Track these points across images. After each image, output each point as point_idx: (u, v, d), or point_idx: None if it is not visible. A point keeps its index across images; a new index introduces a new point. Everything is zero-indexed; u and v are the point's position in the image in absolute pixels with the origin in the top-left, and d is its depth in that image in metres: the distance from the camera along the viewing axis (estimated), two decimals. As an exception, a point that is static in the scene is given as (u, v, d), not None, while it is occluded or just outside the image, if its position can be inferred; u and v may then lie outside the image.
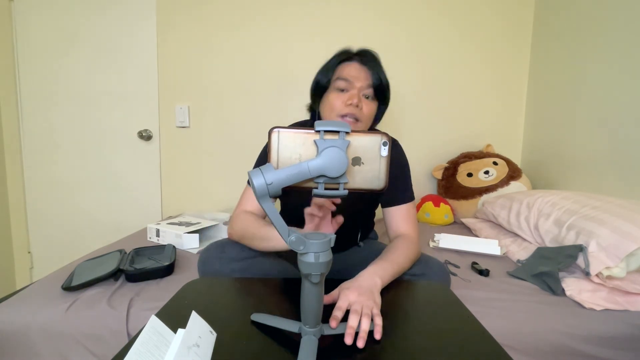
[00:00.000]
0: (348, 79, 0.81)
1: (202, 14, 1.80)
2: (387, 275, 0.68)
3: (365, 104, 0.81)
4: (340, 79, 0.82)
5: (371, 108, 0.83)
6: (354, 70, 0.82)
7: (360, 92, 0.81)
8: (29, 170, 1.88)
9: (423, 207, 1.75)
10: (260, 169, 0.39)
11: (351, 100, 0.79)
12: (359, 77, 0.81)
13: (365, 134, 0.43)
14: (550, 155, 1.71)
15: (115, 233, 1.87)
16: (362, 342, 0.49)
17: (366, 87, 0.81)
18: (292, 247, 0.42)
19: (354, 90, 0.80)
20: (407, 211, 0.89)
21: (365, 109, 0.81)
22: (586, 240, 0.97)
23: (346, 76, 0.81)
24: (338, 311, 0.54)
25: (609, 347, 0.78)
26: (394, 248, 0.78)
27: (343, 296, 0.58)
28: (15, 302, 0.84)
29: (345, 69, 0.82)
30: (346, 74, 0.81)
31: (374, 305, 0.56)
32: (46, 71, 1.82)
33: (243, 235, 0.80)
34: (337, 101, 0.81)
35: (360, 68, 0.82)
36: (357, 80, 0.81)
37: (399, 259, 0.74)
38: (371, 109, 0.84)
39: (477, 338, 0.52)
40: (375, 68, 0.82)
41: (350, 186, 0.43)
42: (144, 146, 1.88)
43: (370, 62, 0.83)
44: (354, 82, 0.80)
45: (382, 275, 0.66)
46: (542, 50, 1.78)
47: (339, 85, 0.82)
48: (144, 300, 0.85)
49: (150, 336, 0.42)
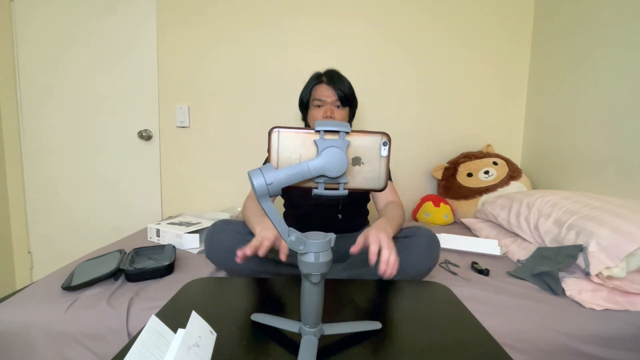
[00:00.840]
0: (321, 99, 1.12)
1: (202, 14, 1.80)
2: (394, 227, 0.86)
3: (337, 112, 1.12)
4: (315, 99, 1.13)
5: (342, 114, 1.14)
6: (324, 90, 1.12)
7: (332, 106, 1.12)
8: (29, 170, 1.88)
9: (423, 207, 1.75)
10: (260, 169, 0.39)
11: (326, 113, 1.11)
12: (328, 94, 1.11)
13: (366, 133, 0.43)
14: (550, 155, 1.71)
15: (115, 233, 1.87)
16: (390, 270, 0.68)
17: (335, 101, 1.12)
18: (291, 247, 0.42)
19: (327, 105, 1.12)
20: (390, 185, 1.13)
21: (337, 116, 1.12)
22: (586, 240, 0.97)
23: (319, 97, 1.12)
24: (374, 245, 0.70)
25: (609, 347, 0.78)
26: (390, 211, 0.97)
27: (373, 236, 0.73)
28: (15, 302, 0.84)
29: (318, 91, 1.13)
30: (319, 94, 1.13)
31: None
32: (46, 71, 1.82)
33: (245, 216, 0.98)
34: (317, 114, 1.13)
35: (327, 88, 1.12)
36: (327, 97, 1.12)
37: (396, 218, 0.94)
38: (342, 115, 1.14)
39: (477, 338, 0.52)
40: (339, 84, 1.11)
41: (350, 186, 0.43)
42: (144, 146, 1.88)
43: (335, 81, 1.12)
44: (326, 99, 1.12)
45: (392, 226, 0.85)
46: (542, 50, 1.78)
47: (316, 103, 1.14)
48: (144, 300, 0.85)
49: (150, 336, 0.41)
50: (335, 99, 1.11)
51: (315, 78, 1.16)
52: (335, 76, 1.14)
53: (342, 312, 0.60)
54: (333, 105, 1.11)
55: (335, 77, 1.14)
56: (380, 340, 0.51)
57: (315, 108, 1.13)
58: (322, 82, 1.14)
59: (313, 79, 1.17)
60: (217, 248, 0.91)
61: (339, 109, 1.13)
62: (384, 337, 0.51)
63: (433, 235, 0.92)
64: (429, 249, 0.89)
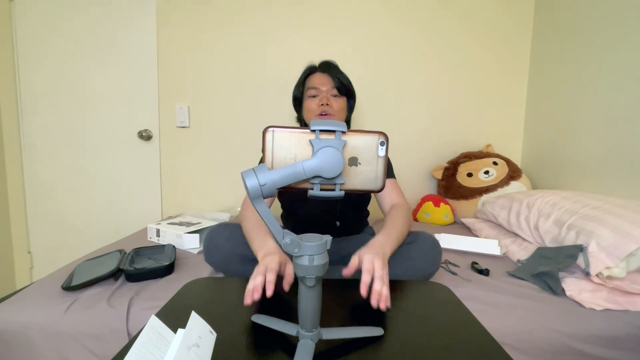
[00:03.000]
0: (315, 87, 1.01)
1: (202, 14, 1.80)
2: (393, 244, 0.77)
3: (334, 101, 1.00)
4: (310, 88, 1.02)
5: (340, 103, 1.02)
6: (318, 78, 1.02)
7: (328, 94, 1.00)
8: (29, 170, 1.88)
9: (423, 207, 1.74)
10: (253, 170, 0.38)
11: (322, 101, 0.99)
12: (323, 82, 1.01)
13: (362, 133, 0.42)
14: (550, 155, 1.71)
15: (115, 233, 1.87)
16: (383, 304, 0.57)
17: (331, 89, 1.01)
18: (286, 249, 0.40)
19: (322, 93, 1.00)
20: (393, 184, 1.01)
21: (335, 105, 1.00)
22: (586, 240, 0.97)
23: (313, 84, 1.01)
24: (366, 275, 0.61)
25: (609, 347, 0.78)
26: (394, 217, 0.88)
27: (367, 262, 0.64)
28: (15, 302, 0.84)
29: (312, 80, 1.03)
30: (313, 83, 1.02)
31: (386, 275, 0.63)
32: (46, 71, 1.82)
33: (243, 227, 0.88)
34: (312, 105, 1.01)
35: (323, 75, 1.01)
36: (323, 85, 1.01)
37: (400, 227, 0.84)
38: (340, 104, 1.02)
39: (477, 338, 0.52)
40: (335, 73, 1.01)
41: (347, 187, 0.42)
42: (144, 146, 1.88)
43: (330, 69, 1.02)
44: (320, 87, 1.00)
45: (391, 245, 0.76)
46: (542, 50, 1.78)
47: (310, 93, 1.02)
48: (144, 300, 0.85)
49: (150, 336, 0.41)
50: (331, 87, 1.00)
51: (309, 69, 1.06)
52: (330, 64, 1.05)
53: (342, 313, 0.59)
54: (329, 94, 1.00)
55: (331, 65, 1.04)
56: (379, 340, 0.51)
57: (310, 99, 1.02)
58: (316, 71, 1.04)
59: (306, 70, 1.07)
60: (216, 254, 0.90)
61: (336, 98, 1.01)
62: (383, 337, 0.51)
63: (435, 242, 0.89)
64: (431, 256, 0.88)
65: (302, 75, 1.07)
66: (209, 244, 0.91)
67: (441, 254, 0.90)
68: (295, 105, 1.11)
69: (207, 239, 0.92)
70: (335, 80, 1.00)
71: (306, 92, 1.03)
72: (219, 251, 0.89)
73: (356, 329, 0.52)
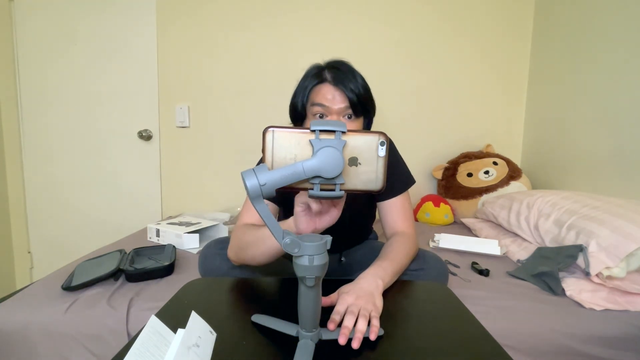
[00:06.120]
0: (323, 104, 0.76)
1: (202, 14, 1.80)
2: (388, 276, 0.66)
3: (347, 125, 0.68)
4: (315, 104, 0.77)
5: (355, 126, 0.79)
6: (328, 92, 0.76)
7: (340, 115, 0.77)
8: (29, 170, 1.88)
9: (423, 207, 1.74)
10: (253, 170, 0.38)
11: None
12: (334, 99, 0.76)
13: (362, 133, 0.42)
14: (550, 155, 1.71)
15: (115, 233, 1.87)
16: (357, 342, 0.48)
17: (345, 109, 0.76)
18: (286, 249, 0.41)
19: (333, 115, 0.76)
20: (401, 205, 0.89)
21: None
22: (586, 240, 0.97)
23: (321, 101, 0.76)
24: (336, 315, 0.53)
25: (609, 347, 0.78)
26: (393, 246, 0.77)
27: (341, 300, 0.57)
28: (15, 302, 0.84)
29: (319, 93, 0.77)
30: (320, 98, 0.77)
31: (372, 309, 0.55)
32: (46, 71, 1.82)
33: (239, 247, 0.75)
34: None
35: (334, 89, 0.76)
36: (333, 103, 0.76)
37: (399, 257, 0.73)
38: (356, 127, 0.78)
39: (477, 338, 0.52)
40: (349, 83, 0.76)
41: (347, 187, 0.42)
42: (144, 146, 1.88)
43: (343, 79, 0.76)
44: (330, 106, 0.76)
45: (384, 277, 0.65)
46: (542, 50, 1.78)
47: (316, 110, 0.77)
48: (144, 300, 0.85)
49: (150, 336, 0.41)
50: (345, 105, 0.76)
51: (315, 75, 0.79)
52: (343, 72, 0.78)
53: (342, 312, 0.59)
54: (341, 114, 0.77)
55: (344, 72, 0.78)
56: (379, 340, 0.51)
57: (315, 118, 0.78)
58: (324, 80, 0.78)
59: (311, 75, 0.80)
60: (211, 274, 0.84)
61: (352, 120, 0.78)
62: (383, 337, 0.51)
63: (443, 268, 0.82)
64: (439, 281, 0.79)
65: (306, 82, 0.80)
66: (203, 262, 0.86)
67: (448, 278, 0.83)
68: (294, 115, 0.85)
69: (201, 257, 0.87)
70: (350, 96, 0.75)
71: (310, 108, 0.79)
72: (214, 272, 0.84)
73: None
